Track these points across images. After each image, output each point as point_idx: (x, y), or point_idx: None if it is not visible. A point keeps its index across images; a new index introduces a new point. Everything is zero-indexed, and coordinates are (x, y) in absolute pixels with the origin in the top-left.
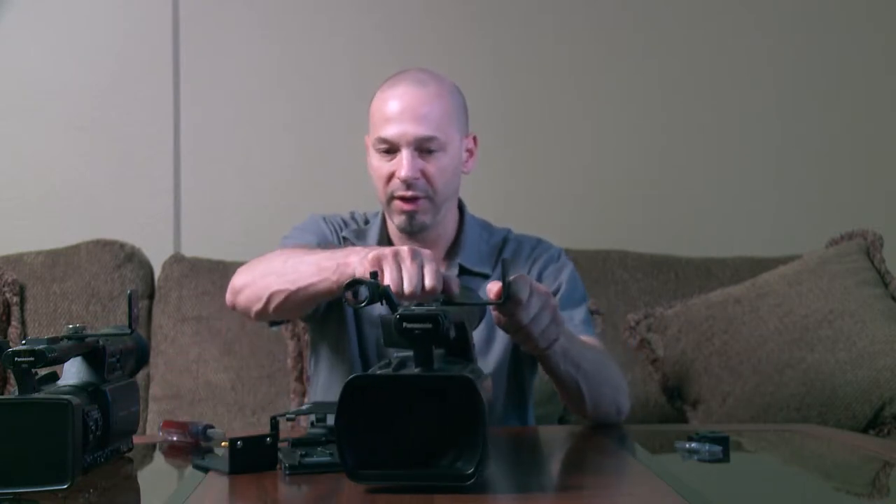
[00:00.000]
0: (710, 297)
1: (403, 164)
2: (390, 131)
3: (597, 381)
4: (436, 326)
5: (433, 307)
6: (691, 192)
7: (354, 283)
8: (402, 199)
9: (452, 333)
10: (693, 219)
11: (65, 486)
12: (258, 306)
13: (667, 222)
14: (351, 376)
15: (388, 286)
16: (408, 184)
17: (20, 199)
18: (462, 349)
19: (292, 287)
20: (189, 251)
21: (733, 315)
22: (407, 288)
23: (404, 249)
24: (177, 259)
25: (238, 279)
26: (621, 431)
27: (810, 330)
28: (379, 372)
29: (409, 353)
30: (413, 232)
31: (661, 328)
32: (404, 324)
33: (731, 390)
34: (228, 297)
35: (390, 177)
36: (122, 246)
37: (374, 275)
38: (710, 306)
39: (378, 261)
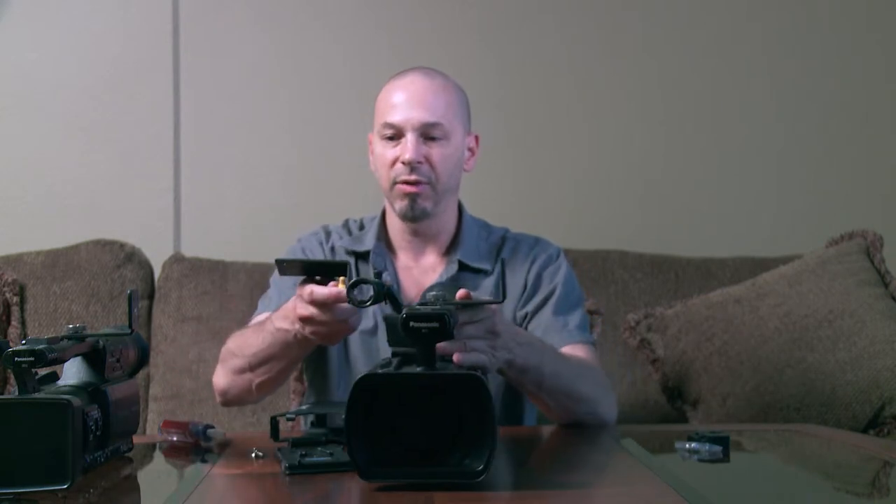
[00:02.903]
0: (710, 297)
1: (408, 147)
2: (396, 116)
3: (564, 397)
4: (442, 325)
5: (439, 307)
6: (691, 192)
7: (358, 283)
8: (405, 182)
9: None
10: (693, 219)
11: (65, 486)
12: (251, 398)
13: (667, 222)
14: (360, 376)
15: (392, 285)
16: (411, 167)
17: (20, 199)
18: None
19: (272, 373)
20: (189, 251)
21: (733, 315)
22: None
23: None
24: (177, 259)
25: (218, 381)
26: (621, 431)
27: (810, 330)
28: (380, 371)
29: (407, 352)
30: (415, 218)
31: (661, 328)
32: (411, 323)
33: (731, 390)
34: (218, 398)
35: (394, 162)
36: (122, 246)
37: (377, 274)
38: (710, 306)
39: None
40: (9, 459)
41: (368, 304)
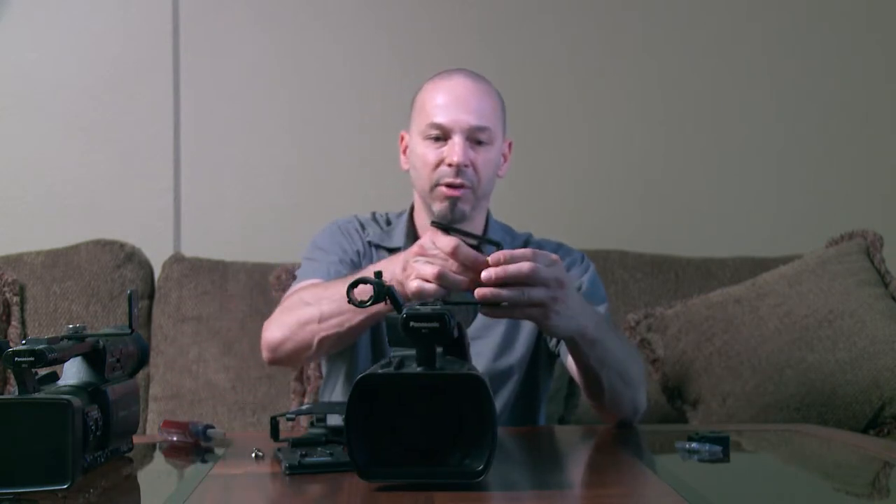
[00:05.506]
0: (710, 297)
1: (456, 149)
2: (444, 117)
3: (618, 378)
4: (442, 326)
5: (438, 306)
6: (691, 192)
7: (359, 283)
8: (449, 185)
9: (457, 333)
10: (693, 219)
11: (65, 486)
12: (308, 353)
13: (667, 222)
14: (359, 376)
15: (392, 286)
16: (458, 170)
17: (20, 199)
18: (459, 348)
19: (341, 329)
20: (189, 251)
21: (733, 315)
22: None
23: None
24: (177, 259)
25: (273, 334)
26: (622, 431)
27: (810, 330)
28: (381, 371)
29: (408, 351)
30: (453, 221)
31: (661, 328)
32: (411, 323)
33: (731, 390)
34: (266, 354)
35: (438, 164)
36: (122, 246)
37: (378, 274)
38: (710, 306)
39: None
40: (9, 459)
41: (369, 304)
